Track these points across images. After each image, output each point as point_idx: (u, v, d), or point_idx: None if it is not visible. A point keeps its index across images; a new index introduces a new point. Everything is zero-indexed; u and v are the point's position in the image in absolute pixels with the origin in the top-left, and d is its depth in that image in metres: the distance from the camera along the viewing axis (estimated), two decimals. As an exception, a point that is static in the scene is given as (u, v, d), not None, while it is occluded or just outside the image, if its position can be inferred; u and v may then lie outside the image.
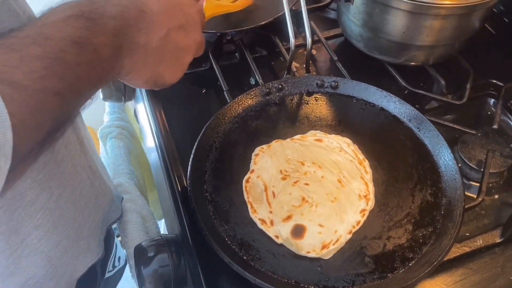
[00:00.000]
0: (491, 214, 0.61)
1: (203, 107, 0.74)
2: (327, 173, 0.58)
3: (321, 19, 0.90)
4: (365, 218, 0.54)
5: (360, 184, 0.57)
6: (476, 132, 0.66)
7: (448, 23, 0.67)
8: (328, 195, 0.56)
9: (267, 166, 0.59)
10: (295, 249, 0.52)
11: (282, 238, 0.53)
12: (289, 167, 0.59)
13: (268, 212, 0.55)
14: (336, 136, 0.62)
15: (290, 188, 0.57)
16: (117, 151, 0.86)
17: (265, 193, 0.57)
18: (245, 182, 0.58)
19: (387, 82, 0.73)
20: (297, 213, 0.54)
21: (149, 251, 0.60)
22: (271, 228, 0.53)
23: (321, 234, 0.53)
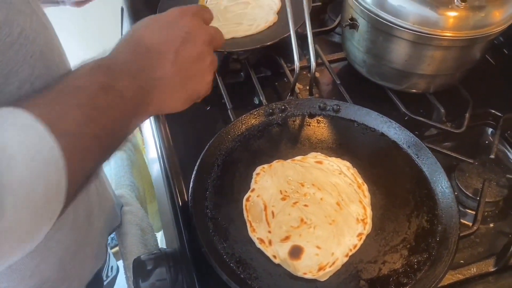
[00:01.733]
0: (485, 243, 0.62)
1: (207, 124, 0.76)
2: (326, 195, 0.59)
3: (325, 42, 0.92)
4: (361, 241, 0.55)
5: (358, 207, 0.58)
6: (473, 161, 0.67)
7: (450, 54, 0.69)
8: (327, 217, 0.57)
9: (267, 186, 0.60)
10: (292, 270, 0.53)
11: (279, 258, 0.54)
12: (289, 187, 0.60)
13: (267, 232, 0.56)
14: (337, 159, 0.64)
15: (289, 209, 0.58)
16: (120, 163, 0.87)
17: (264, 213, 0.58)
18: (245, 201, 0.59)
19: (388, 107, 0.75)
20: (295, 234, 0.55)
21: (148, 265, 0.61)
22: (269, 248, 0.54)
23: (318, 256, 0.54)
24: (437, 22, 0.64)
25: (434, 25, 0.64)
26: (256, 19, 0.85)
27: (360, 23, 0.72)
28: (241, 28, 0.84)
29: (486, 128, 0.77)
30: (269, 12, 0.87)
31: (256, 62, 0.84)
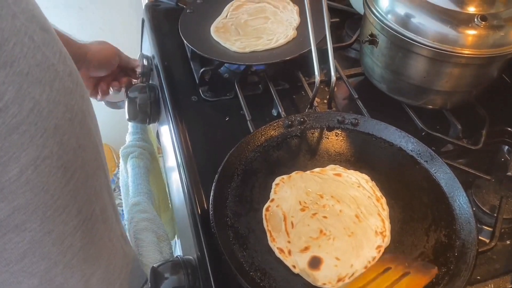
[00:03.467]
0: (502, 260, 0.63)
1: (226, 134, 0.77)
2: (345, 207, 0.60)
3: (342, 58, 0.93)
4: (380, 254, 0.56)
5: (377, 220, 0.58)
6: (490, 178, 0.68)
7: (467, 71, 0.70)
8: (345, 229, 0.58)
9: (286, 196, 0.61)
10: (311, 280, 0.53)
11: (299, 268, 0.54)
12: (308, 199, 0.61)
13: (286, 242, 0.56)
14: (355, 172, 0.65)
15: (309, 220, 0.59)
16: (137, 171, 0.88)
17: (284, 223, 0.58)
18: (265, 211, 0.60)
19: (405, 123, 0.76)
20: (314, 244, 0.56)
21: (166, 272, 0.62)
22: (289, 258, 0.55)
23: (337, 267, 0.54)
24: (456, 40, 0.65)
25: (454, 42, 0.65)
26: (275, 34, 0.87)
27: (380, 39, 0.73)
28: (260, 42, 0.86)
29: (503, 146, 0.77)
30: (289, 27, 0.88)
31: (274, 75, 0.85)
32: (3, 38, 0.33)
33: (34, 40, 0.36)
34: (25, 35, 0.35)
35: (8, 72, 0.33)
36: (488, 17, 0.64)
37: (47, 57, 0.37)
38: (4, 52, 0.33)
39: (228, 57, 0.83)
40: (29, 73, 0.35)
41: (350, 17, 1.01)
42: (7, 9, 0.34)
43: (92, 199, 0.47)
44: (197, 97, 0.82)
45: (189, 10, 0.93)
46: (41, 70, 0.36)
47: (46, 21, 0.40)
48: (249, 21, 0.91)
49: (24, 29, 0.35)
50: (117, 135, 1.04)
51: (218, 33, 0.88)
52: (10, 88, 0.33)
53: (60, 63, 0.39)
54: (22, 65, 0.34)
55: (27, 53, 0.35)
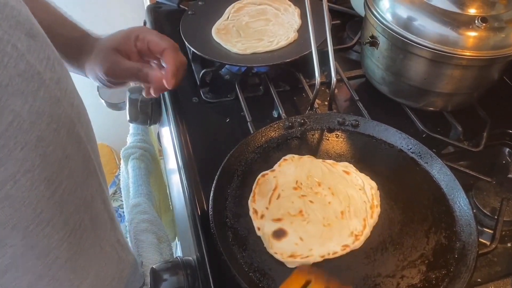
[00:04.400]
0: (503, 262, 0.62)
1: (226, 135, 0.77)
2: (336, 201, 0.61)
3: (343, 60, 0.93)
4: (343, 252, 0.56)
5: (359, 224, 0.58)
6: (491, 180, 0.68)
7: (468, 73, 0.70)
8: (324, 219, 0.59)
9: (288, 173, 0.63)
10: (266, 245, 0.56)
11: (262, 231, 0.57)
12: (306, 182, 0.63)
13: (265, 207, 0.59)
14: (366, 176, 0.64)
15: (295, 198, 0.61)
16: (137, 172, 0.88)
17: (272, 192, 0.61)
18: (261, 176, 0.62)
19: (405, 124, 0.76)
20: (288, 220, 0.58)
21: (165, 273, 0.62)
22: (258, 220, 0.58)
23: (296, 246, 0.56)
24: (457, 42, 0.65)
25: (454, 44, 0.66)
26: (276, 36, 0.87)
27: (381, 41, 0.73)
28: (261, 44, 0.86)
29: (504, 148, 0.77)
30: (290, 29, 0.89)
31: (275, 76, 0.85)
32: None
33: (18, 48, 0.34)
34: (7, 44, 0.33)
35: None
36: (489, 19, 0.64)
37: (31, 65, 0.36)
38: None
39: (229, 59, 0.83)
40: (9, 84, 0.33)
41: (351, 19, 1.01)
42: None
43: (80, 209, 0.45)
44: (198, 98, 0.83)
45: (190, 12, 0.93)
46: (24, 80, 0.34)
47: (33, 26, 0.38)
48: (250, 23, 0.91)
49: (6, 38, 0.33)
50: (118, 136, 1.04)
51: (219, 34, 0.88)
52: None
53: (47, 71, 0.38)
54: (2, 76, 0.32)
55: (8, 63, 0.33)
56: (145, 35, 0.65)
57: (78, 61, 0.67)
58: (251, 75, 0.86)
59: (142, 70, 0.64)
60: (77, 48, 0.66)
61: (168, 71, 0.62)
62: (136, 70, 0.64)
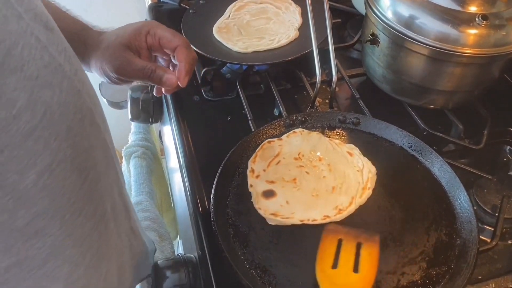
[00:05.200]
0: (504, 259, 0.62)
1: (227, 133, 0.77)
2: (331, 177, 0.63)
3: (344, 58, 0.93)
4: (322, 222, 0.58)
5: (346, 200, 0.60)
6: (492, 177, 0.68)
7: (469, 71, 0.70)
8: (315, 190, 0.61)
9: (293, 144, 0.66)
10: (254, 200, 0.60)
11: (254, 189, 0.61)
12: (308, 155, 0.65)
13: (262, 169, 0.63)
14: (367, 161, 0.65)
15: (293, 167, 0.64)
16: (139, 170, 0.89)
17: (273, 158, 0.64)
18: (267, 142, 0.65)
19: (406, 122, 0.76)
20: (280, 184, 0.62)
21: (167, 270, 0.62)
22: (253, 178, 0.62)
23: (281, 207, 0.59)
24: (458, 39, 0.66)
25: (455, 42, 0.66)
26: (277, 34, 0.87)
27: (381, 39, 0.73)
28: (262, 42, 0.86)
29: (504, 146, 0.77)
30: (290, 28, 0.89)
31: (276, 75, 0.86)
32: (11, 41, 0.31)
33: (41, 41, 0.35)
34: (31, 36, 0.34)
35: (19, 77, 0.32)
36: (490, 17, 0.65)
37: (54, 58, 0.36)
38: (13, 56, 0.31)
39: (230, 57, 0.83)
40: (39, 76, 0.34)
41: (352, 18, 1.01)
42: (12, 10, 0.32)
43: (104, 199, 0.46)
44: (199, 97, 0.83)
45: (191, 11, 0.93)
46: (50, 72, 0.35)
47: (49, 19, 0.39)
48: (251, 22, 0.91)
49: (30, 30, 0.34)
50: (120, 135, 1.05)
51: (221, 33, 0.88)
52: (22, 94, 0.32)
53: (66, 63, 0.38)
54: (32, 68, 0.33)
55: (35, 55, 0.34)
56: (156, 31, 0.63)
57: (83, 56, 0.65)
58: (252, 74, 0.86)
59: (156, 72, 0.62)
60: (80, 42, 0.64)
61: (182, 70, 0.62)
62: (149, 71, 0.62)
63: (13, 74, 0.31)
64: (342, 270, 0.53)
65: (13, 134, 0.32)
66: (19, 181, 0.34)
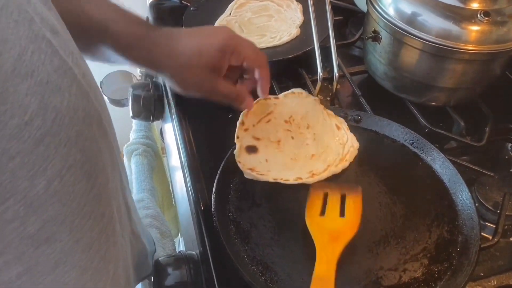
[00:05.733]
0: (505, 256, 0.62)
1: (229, 131, 0.76)
2: (313, 145, 0.66)
3: (346, 56, 0.93)
4: (294, 182, 0.62)
5: (321, 167, 0.63)
6: (493, 174, 0.68)
7: (470, 68, 0.70)
8: (295, 154, 0.65)
9: (288, 105, 0.68)
10: (236, 153, 0.63)
11: (238, 141, 0.64)
12: (298, 121, 0.67)
13: (252, 124, 0.65)
14: (353, 136, 0.67)
15: (281, 129, 0.66)
16: (140, 168, 0.89)
17: (265, 115, 0.67)
18: (263, 99, 0.67)
19: (408, 120, 0.75)
20: (265, 143, 0.65)
21: (168, 266, 0.62)
22: (241, 131, 0.65)
23: (259, 163, 0.63)
24: (459, 36, 0.65)
25: (457, 38, 0.66)
26: (279, 32, 0.87)
27: (383, 36, 0.73)
28: (264, 40, 0.86)
29: (506, 143, 0.77)
30: (292, 25, 0.89)
31: (277, 72, 0.85)
32: (21, 47, 0.31)
33: (52, 44, 0.35)
34: (42, 40, 0.33)
35: (30, 83, 0.31)
36: (491, 13, 0.64)
37: (64, 61, 0.36)
38: (24, 62, 0.31)
39: (232, 55, 0.83)
40: (49, 81, 0.33)
41: (353, 15, 1.01)
42: (25, 14, 0.32)
43: (111, 201, 0.46)
44: (201, 94, 0.83)
45: (193, 8, 0.93)
46: (59, 76, 0.35)
47: (54, 23, 0.38)
48: (253, 19, 0.91)
49: (41, 34, 0.33)
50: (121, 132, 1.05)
51: (222, 31, 0.88)
52: (33, 100, 0.32)
53: (74, 66, 0.38)
54: (42, 73, 0.33)
55: (45, 60, 0.33)
56: (241, 51, 0.63)
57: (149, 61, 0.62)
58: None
59: (240, 96, 0.65)
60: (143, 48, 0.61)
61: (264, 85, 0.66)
62: (234, 96, 0.65)
63: (25, 80, 0.31)
64: (329, 216, 0.57)
65: (25, 140, 0.31)
66: (30, 188, 0.33)
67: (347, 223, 0.57)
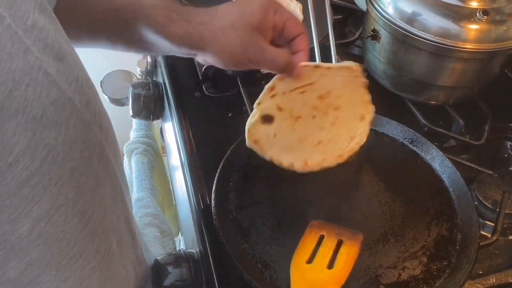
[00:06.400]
0: (504, 254, 0.62)
1: (229, 130, 0.77)
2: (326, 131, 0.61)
3: (345, 54, 0.93)
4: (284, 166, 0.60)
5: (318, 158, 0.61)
6: (492, 173, 0.68)
7: (469, 66, 0.70)
8: (304, 136, 0.61)
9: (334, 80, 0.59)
10: (250, 119, 0.58)
11: (260, 107, 0.57)
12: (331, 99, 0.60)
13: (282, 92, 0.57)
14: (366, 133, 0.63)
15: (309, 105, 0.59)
16: (141, 167, 0.89)
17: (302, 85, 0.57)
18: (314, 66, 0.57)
19: (407, 118, 0.76)
20: (284, 115, 0.59)
21: (169, 265, 0.62)
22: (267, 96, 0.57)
23: (266, 137, 0.58)
24: (458, 35, 0.66)
25: (456, 37, 0.66)
26: (278, 30, 0.87)
27: (382, 35, 0.73)
28: (263, 38, 0.86)
29: (506, 141, 0.77)
30: (291, 24, 0.89)
31: (277, 71, 0.85)
32: (14, 81, 0.28)
33: (49, 74, 0.32)
34: (39, 71, 0.31)
35: (19, 121, 0.29)
36: (490, 12, 0.65)
37: (62, 91, 0.33)
38: (15, 98, 0.28)
39: (231, 54, 0.83)
40: (44, 115, 0.30)
41: (353, 14, 1.01)
42: (19, 44, 0.29)
43: (109, 235, 0.43)
44: (200, 93, 0.83)
45: (192, 8, 0.93)
46: (57, 109, 0.32)
47: (61, 46, 0.35)
48: (252, 19, 0.91)
49: (38, 64, 0.31)
50: (121, 131, 1.05)
51: (221, 30, 0.88)
52: (21, 139, 0.29)
53: (76, 95, 0.35)
54: (36, 108, 0.30)
55: (41, 93, 0.30)
56: (283, 12, 0.55)
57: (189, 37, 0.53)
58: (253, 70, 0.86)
59: (292, 61, 0.54)
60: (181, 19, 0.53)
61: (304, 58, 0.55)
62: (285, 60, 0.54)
63: (13, 118, 0.28)
64: (316, 266, 0.52)
65: (8, 183, 0.29)
66: (11, 232, 0.31)
67: (332, 277, 0.51)
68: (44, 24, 0.33)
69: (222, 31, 0.52)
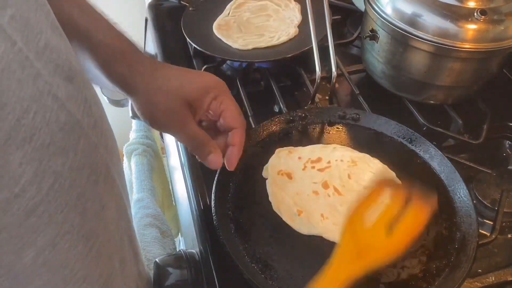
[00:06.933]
0: (503, 253, 0.63)
1: (228, 130, 0.77)
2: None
3: (344, 55, 0.94)
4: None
5: None
6: (491, 172, 0.68)
7: (468, 66, 0.70)
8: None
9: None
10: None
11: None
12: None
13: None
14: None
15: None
16: (140, 167, 0.89)
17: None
18: None
19: (406, 118, 0.76)
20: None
21: (169, 266, 0.63)
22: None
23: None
24: (456, 34, 0.66)
25: (454, 37, 0.66)
26: (277, 31, 0.88)
27: (381, 35, 0.73)
28: (262, 39, 0.86)
29: (504, 140, 0.77)
30: (290, 25, 0.89)
31: (276, 72, 0.86)
32: (22, 109, 0.27)
33: (58, 98, 0.30)
34: (48, 96, 0.29)
35: (27, 149, 0.27)
36: (488, 11, 0.65)
37: (71, 115, 0.32)
38: (23, 126, 0.27)
39: (231, 55, 0.84)
40: (51, 142, 0.29)
41: (351, 15, 1.02)
42: (30, 68, 0.28)
43: (113, 257, 0.42)
44: (200, 94, 0.83)
45: (191, 8, 0.94)
46: (65, 134, 0.31)
47: (71, 66, 0.34)
48: (251, 19, 0.91)
49: (47, 89, 0.29)
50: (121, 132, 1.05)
51: (221, 30, 0.88)
52: (28, 168, 0.28)
53: (85, 116, 0.34)
54: (44, 136, 0.29)
55: (50, 119, 0.29)
56: (224, 100, 0.55)
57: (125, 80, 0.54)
58: (252, 71, 0.87)
59: (205, 147, 0.55)
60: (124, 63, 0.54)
61: (235, 155, 0.57)
62: (200, 142, 0.55)
63: (20, 148, 0.27)
64: (373, 229, 0.46)
65: (13, 214, 0.28)
66: (15, 261, 0.30)
67: (388, 245, 0.45)
68: (55, 44, 0.32)
69: (156, 88, 0.53)
